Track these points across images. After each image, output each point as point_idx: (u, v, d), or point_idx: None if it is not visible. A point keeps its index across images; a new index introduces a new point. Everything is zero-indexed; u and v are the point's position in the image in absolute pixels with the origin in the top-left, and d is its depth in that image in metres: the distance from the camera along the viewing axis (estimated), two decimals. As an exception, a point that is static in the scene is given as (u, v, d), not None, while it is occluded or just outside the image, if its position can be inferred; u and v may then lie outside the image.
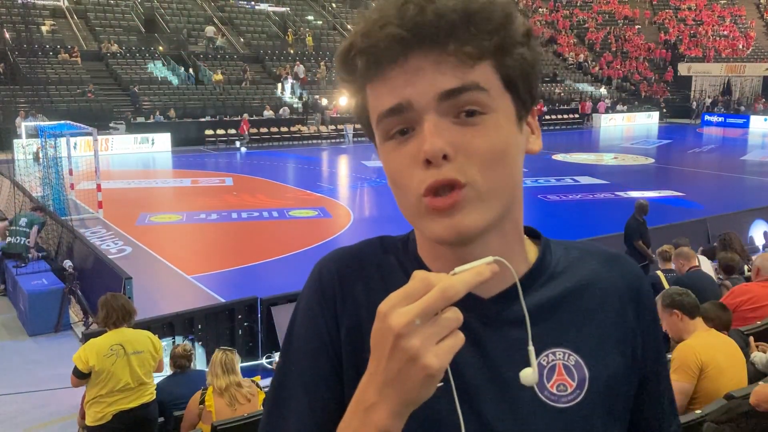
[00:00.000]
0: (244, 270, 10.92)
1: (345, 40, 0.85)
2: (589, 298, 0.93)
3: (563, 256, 0.97)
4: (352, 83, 0.87)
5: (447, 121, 0.80)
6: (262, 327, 7.67)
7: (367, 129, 0.91)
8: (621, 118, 38.38)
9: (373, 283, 0.94)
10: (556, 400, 0.88)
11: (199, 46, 33.41)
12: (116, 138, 24.75)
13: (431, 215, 0.81)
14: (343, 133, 28.99)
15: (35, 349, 8.06)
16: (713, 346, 3.93)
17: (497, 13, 0.80)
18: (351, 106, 0.91)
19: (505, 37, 0.81)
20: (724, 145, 30.30)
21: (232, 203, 15.84)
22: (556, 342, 0.90)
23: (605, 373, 0.90)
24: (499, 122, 0.82)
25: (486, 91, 0.81)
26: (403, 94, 0.80)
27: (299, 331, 0.95)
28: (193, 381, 5.22)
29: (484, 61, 0.80)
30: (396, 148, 0.83)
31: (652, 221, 9.89)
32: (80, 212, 14.51)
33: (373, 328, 0.72)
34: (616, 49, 46.14)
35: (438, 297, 0.68)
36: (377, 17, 0.80)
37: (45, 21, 30.77)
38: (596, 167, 22.26)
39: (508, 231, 0.89)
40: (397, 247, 0.99)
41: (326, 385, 0.91)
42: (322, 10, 40.65)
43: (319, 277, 0.97)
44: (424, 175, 0.80)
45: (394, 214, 8.51)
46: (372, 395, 0.72)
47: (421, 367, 0.68)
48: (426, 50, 0.79)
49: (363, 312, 0.92)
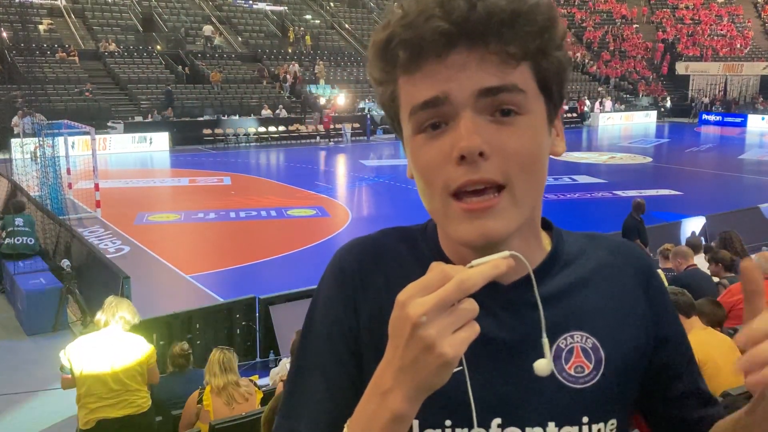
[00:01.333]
0: (242, 269, 10.93)
1: (382, 29, 0.84)
2: (601, 282, 0.97)
3: (574, 244, 1.00)
4: (386, 73, 0.87)
5: (483, 119, 0.81)
6: (260, 326, 7.67)
7: (394, 121, 0.91)
8: (619, 117, 38.40)
9: (391, 272, 0.96)
10: (575, 381, 0.91)
11: (197, 45, 33.38)
12: (114, 137, 24.71)
13: (461, 217, 0.83)
14: (341, 132, 28.98)
15: (33, 349, 8.06)
16: (710, 344, 3.94)
17: (542, 16, 0.81)
18: (380, 99, 0.91)
19: (548, 40, 0.82)
20: (722, 144, 30.34)
21: (231, 202, 15.84)
22: (574, 325, 0.93)
23: (620, 354, 0.94)
24: (534, 124, 0.84)
25: (524, 93, 0.82)
26: (443, 87, 0.80)
27: (319, 317, 0.98)
28: (192, 380, 5.22)
29: (524, 63, 0.82)
30: (427, 142, 0.84)
31: (650, 220, 9.91)
32: (78, 211, 14.49)
33: (392, 316, 0.74)
34: (614, 48, 46.17)
35: (455, 288, 0.70)
36: (419, 9, 0.80)
37: (42, 20, 30.73)
38: (594, 166, 22.28)
39: (528, 229, 0.91)
40: (415, 237, 1.00)
41: (344, 370, 0.94)
42: (320, 10, 40.62)
43: (339, 265, 0.99)
44: (456, 171, 0.81)
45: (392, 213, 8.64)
46: (388, 380, 0.74)
47: (436, 356, 0.70)
48: (470, 46, 0.80)
49: (383, 300, 0.93)
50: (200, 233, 13.46)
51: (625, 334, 0.95)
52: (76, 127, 15.86)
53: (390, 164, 22.42)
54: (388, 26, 0.83)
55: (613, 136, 32.77)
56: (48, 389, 6.79)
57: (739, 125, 37.10)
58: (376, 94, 0.91)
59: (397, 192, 17.08)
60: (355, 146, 27.61)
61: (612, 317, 0.95)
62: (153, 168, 22.44)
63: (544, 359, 0.81)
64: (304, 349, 0.97)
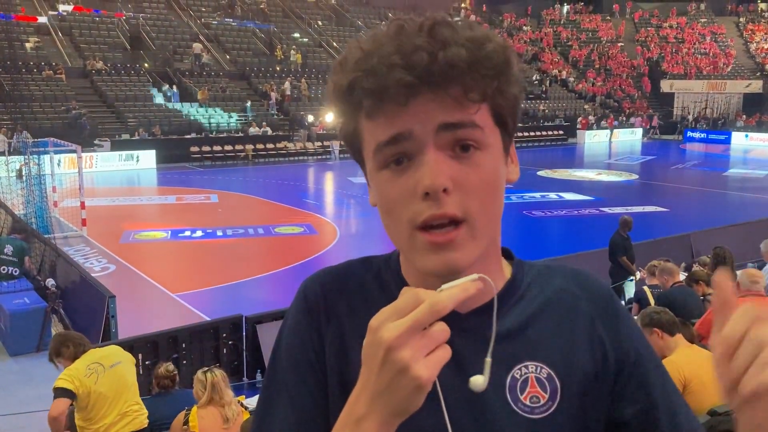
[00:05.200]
0: (229, 288, 10.87)
1: (341, 70, 0.86)
2: (557, 312, 0.97)
3: (532, 274, 1.01)
4: (348, 114, 0.89)
5: (444, 155, 0.83)
6: (247, 345, 7.62)
7: (357, 155, 0.93)
8: (605, 135, 38.72)
9: (355, 302, 0.98)
10: (530, 412, 0.91)
11: (184, 63, 33.41)
12: (101, 155, 24.61)
13: (425, 248, 0.85)
14: (329, 150, 29.02)
15: (16, 370, 7.96)
16: (695, 361, 3.95)
17: (499, 59, 0.84)
18: (342, 133, 0.93)
19: (504, 81, 0.85)
20: (707, 161, 30.64)
21: (218, 220, 15.78)
22: (529, 356, 0.93)
23: (577, 385, 0.93)
24: (491, 157, 0.87)
25: (481, 129, 0.85)
26: (405, 125, 0.83)
27: (286, 347, 0.99)
28: (178, 401, 5.16)
29: (483, 103, 0.85)
30: (391, 178, 0.86)
31: (637, 237, 9.96)
32: (64, 230, 14.39)
33: (365, 341, 0.74)
34: (599, 67, 46.64)
35: (427, 311, 0.72)
36: (380, 55, 0.82)
37: (29, 38, 30.66)
38: (581, 183, 22.41)
39: (488, 255, 0.93)
40: (379, 267, 1.02)
41: (312, 400, 0.94)
42: (308, 28, 40.82)
43: (304, 295, 1.01)
44: (421, 207, 0.83)
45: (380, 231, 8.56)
46: (362, 407, 0.75)
47: (411, 378, 0.71)
48: (432, 93, 0.82)
49: (346, 329, 0.95)
50: (187, 251, 13.39)
51: (580, 363, 0.94)
52: (62, 144, 15.78)
53: (378, 182, 22.43)
54: (347, 68, 0.85)
55: (599, 153, 33.02)
56: (32, 411, 6.69)
57: (723, 142, 37.53)
58: (338, 127, 0.94)
59: (385, 209, 17.07)
60: (343, 163, 27.65)
61: (566, 346, 0.95)
62: (140, 186, 22.36)
63: (481, 376, 0.81)
64: (272, 379, 0.98)
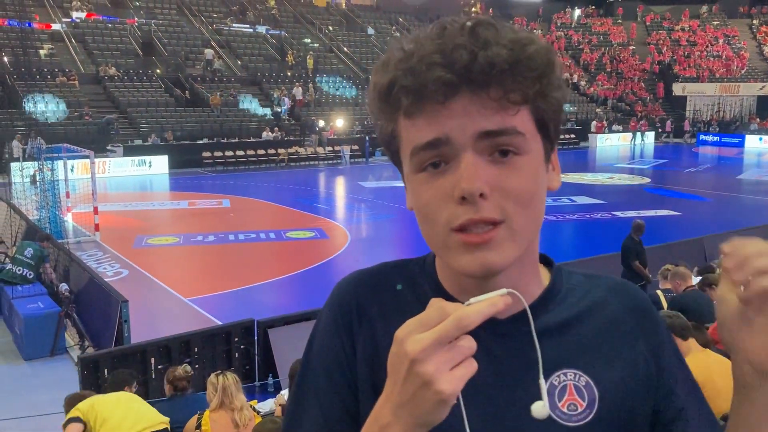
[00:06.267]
0: (241, 292, 10.90)
1: (383, 71, 0.86)
2: (597, 321, 0.97)
3: (572, 281, 1.01)
4: (387, 114, 0.89)
5: (483, 160, 0.83)
6: (258, 350, 7.63)
7: (395, 157, 0.93)
8: (617, 138, 38.57)
9: (388, 306, 0.98)
10: (567, 419, 0.91)
11: (196, 69, 33.60)
12: (113, 161, 24.78)
13: (460, 249, 0.84)
14: (340, 154, 29.08)
15: (30, 374, 8.01)
16: (709, 366, 3.92)
17: (541, 61, 0.83)
18: (380, 135, 0.93)
19: (546, 84, 0.84)
20: (720, 165, 30.43)
21: (230, 225, 15.84)
22: (568, 363, 0.93)
23: (615, 394, 0.93)
24: (531, 163, 0.86)
25: (523, 135, 0.84)
26: (443, 130, 0.82)
27: (317, 349, 0.99)
28: (191, 404, 5.19)
29: (524, 106, 0.84)
30: (428, 181, 0.86)
31: (649, 241, 9.90)
32: (77, 235, 14.50)
33: (390, 351, 0.75)
34: (611, 70, 46.49)
35: (453, 326, 0.71)
36: (420, 55, 0.82)
37: (43, 45, 30.94)
38: (593, 187, 22.32)
39: (526, 261, 0.93)
40: (414, 271, 1.02)
41: (342, 403, 0.95)
42: (318, 33, 40.94)
43: (338, 298, 1.01)
44: (457, 210, 0.83)
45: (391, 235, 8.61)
46: (387, 415, 0.75)
47: (434, 392, 0.71)
48: (472, 93, 0.81)
49: (378, 333, 0.95)
50: (199, 256, 13.44)
51: (620, 373, 0.94)
52: (75, 150, 15.90)
53: (389, 186, 22.46)
54: (389, 68, 0.85)
55: (611, 156, 32.89)
56: (45, 414, 6.73)
57: (736, 146, 37.27)
58: (376, 129, 0.93)
59: (396, 214, 17.10)
60: (354, 168, 27.68)
61: (606, 357, 0.95)
62: (152, 191, 22.47)
63: (540, 402, 0.81)
64: (302, 382, 0.99)
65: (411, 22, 46.39)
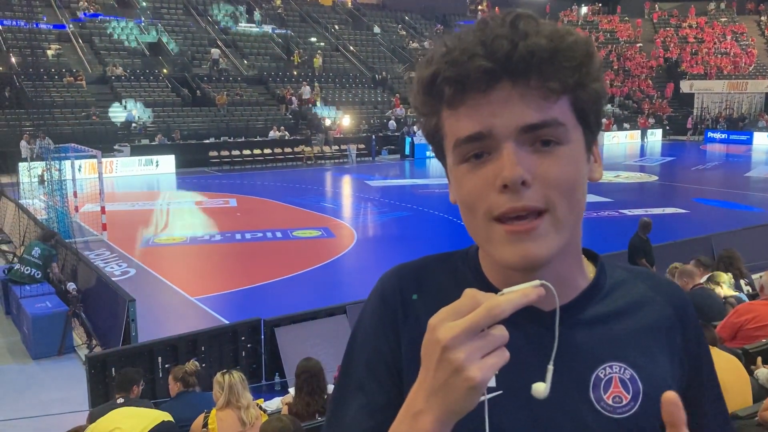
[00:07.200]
0: (247, 291, 10.92)
1: (426, 65, 0.88)
2: (641, 317, 0.99)
3: (616, 276, 1.02)
4: (431, 107, 0.90)
5: (524, 149, 0.84)
6: (265, 348, 7.65)
7: (438, 149, 0.95)
8: (624, 136, 38.45)
9: (432, 299, 0.98)
10: (612, 411, 0.93)
11: (202, 68, 33.66)
12: (120, 160, 24.85)
13: (503, 240, 0.86)
14: (347, 153, 29.08)
15: (39, 373, 8.05)
16: (717, 365, 3.89)
17: (580, 51, 0.85)
18: (424, 129, 0.94)
19: (585, 74, 0.86)
20: (728, 162, 30.30)
21: (236, 224, 15.87)
22: (613, 356, 0.95)
23: (658, 388, 0.94)
24: (572, 153, 0.87)
25: (564, 126, 0.86)
26: (486, 123, 0.84)
27: (361, 342, 1.02)
28: (198, 403, 5.20)
29: (564, 96, 0.85)
30: (471, 171, 0.87)
31: (657, 239, 9.86)
32: (84, 234, 14.55)
33: (424, 339, 0.77)
34: (618, 68, 46.33)
35: (484, 314, 0.72)
36: (462, 47, 0.84)
37: (50, 45, 31.04)
38: (600, 185, 22.19)
39: (569, 253, 0.94)
40: (456, 262, 1.03)
41: (386, 396, 0.96)
42: (324, 32, 40.94)
43: (382, 291, 1.03)
44: (499, 199, 0.84)
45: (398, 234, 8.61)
46: (420, 402, 0.76)
47: (464, 379, 0.72)
48: (512, 83, 0.83)
49: (423, 325, 0.95)
50: (206, 255, 13.47)
51: (662, 368, 0.97)
52: (82, 150, 15.95)
53: (395, 184, 22.46)
54: (432, 62, 0.87)
55: (618, 154, 32.77)
56: (54, 414, 6.76)
57: (744, 143, 37.08)
58: (420, 124, 0.95)
59: (403, 212, 17.10)
60: (360, 167, 27.68)
61: (650, 351, 0.97)
62: (159, 191, 22.54)
63: (542, 383, 0.83)
64: (346, 373, 1.01)
65: (417, 20, 46.36)
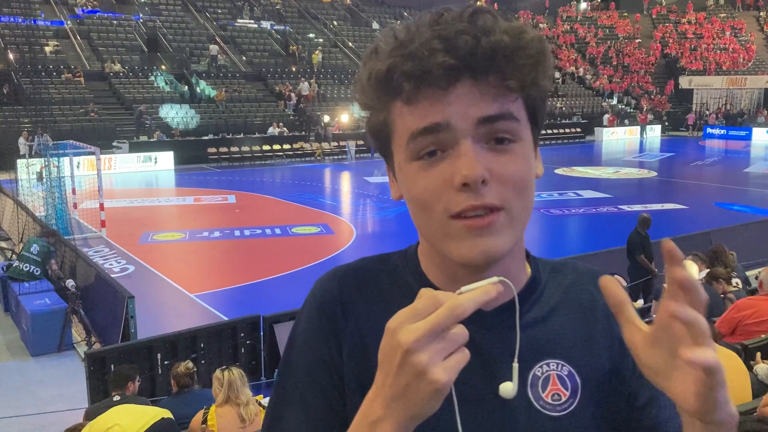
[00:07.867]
0: (246, 288, 10.91)
1: (376, 58, 0.86)
2: (575, 309, 0.98)
3: (547, 271, 1.01)
4: (381, 101, 0.88)
5: (481, 147, 0.83)
6: (264, 345, 7.65)
7: (384, 147, 0.92)
8: (623, 132, 38.44)
9: (372, 301, 0.96)
10: (552, 409, 0.92)
11: (201, 64, 33.61)
12: (119, 157, 24.82)
13: (462, 235, 0.84)
14: (345, 150, 29.06)
15: (38, 370, 8.05)
16: (717, 360, 3.90)
17: (536, 49, 0.84)
18: (370, 123, 0.92)
19: (540, 72, 0.85)
20: (727, 158, 30.30)
21: (235, 221, 15.85)
22: (550, 353, 0.94)
23: (596, 381, 0.94)
24: (525, 150, 0.87)
25: (518, 121, 0.85)
26: (444, 115, 0.82)
27: (299, 347, 0.97)
28: (197, 400, 5.20)
29: (519, 93, 0.85)
30: (424, 169, 0.85)
31: (656, 234, 9.86)
32: (83, 231, 14.54)
33: (382, 343, 0.73)
34: (617, 63, 46.30)
35: (446, 315, 0.70)
36: (420, 41, 0.83)
37: (48, 42, 30.99)
38: (599, 181, 22.25)
39: (516, 250, 0.93)
40: (395, 264, 1.01)
41: (326, 401, 0.93)
42: (323, 28, 40.89)
43: (320, 294, 0.99)
44: (458, 197, 0.83)
45: (396, 230, 8.62)
46: (378, 409, 0.74)
47: (428, 382, 0.70)
48: (473, 80, 0.82)
49: (364, 328, 0.94)
50: (205, 252, 13.47)
51: (599, 360, 0.95)
52: (81, 147, 15.93)
53: (394, 181, 22.39)
54: (383, 55, 0.85)
55: (617, 150, 32.78)
56: (53, 411, 6.76)
57: (743, 138, 37.09)
58: (367, 117, 0.92)
59: (402, 208, 17.07)
60: (359, 163, 27.67)
61: (585, 343, 0.96)
62: (158, 187, 22.51)
63: (509, 382, 0.82)
64: (284, 381, 0.96)
65: (416, 16, 46.21)
